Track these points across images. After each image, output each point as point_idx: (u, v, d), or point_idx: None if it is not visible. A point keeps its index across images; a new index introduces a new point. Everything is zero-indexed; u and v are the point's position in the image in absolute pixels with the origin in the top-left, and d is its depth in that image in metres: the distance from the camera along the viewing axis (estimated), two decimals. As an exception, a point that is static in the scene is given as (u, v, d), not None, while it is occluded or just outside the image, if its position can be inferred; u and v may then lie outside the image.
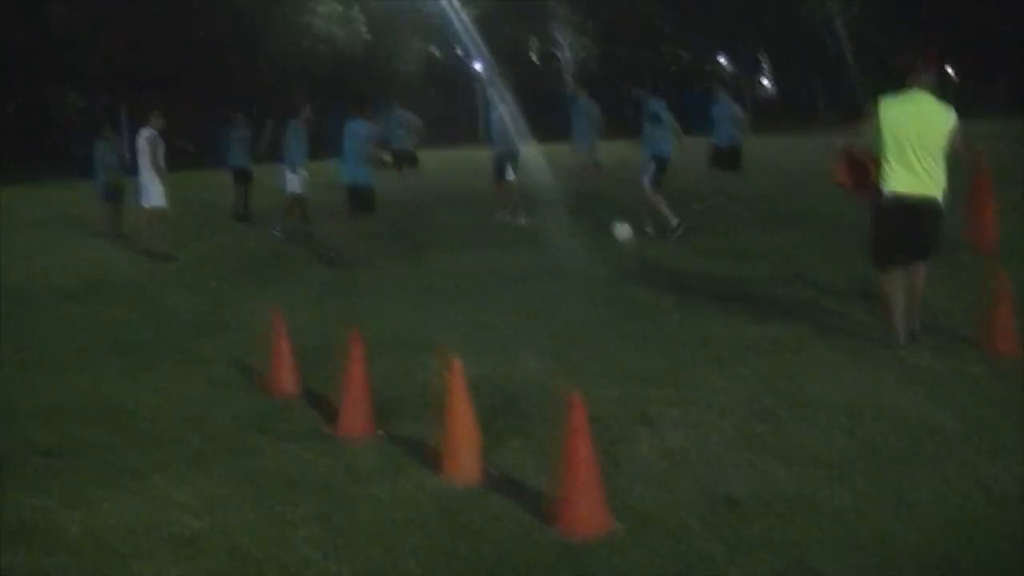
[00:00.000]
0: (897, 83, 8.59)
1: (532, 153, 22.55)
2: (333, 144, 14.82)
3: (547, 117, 52.37)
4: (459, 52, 58.02)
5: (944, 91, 8.60)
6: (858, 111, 9.33)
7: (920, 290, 8.53)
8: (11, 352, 9.73)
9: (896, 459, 6.00)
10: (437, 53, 58.28)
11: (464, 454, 6.03)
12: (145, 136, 15.78)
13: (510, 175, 18.23)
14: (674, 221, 14.99)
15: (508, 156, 18.11)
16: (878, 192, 8.41)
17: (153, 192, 15.75)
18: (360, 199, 14.04)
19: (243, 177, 20.44)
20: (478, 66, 57.56)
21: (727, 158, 18.05)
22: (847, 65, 52.21)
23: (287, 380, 7.87)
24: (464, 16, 52.96)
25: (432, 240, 15.99)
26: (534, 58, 66.00)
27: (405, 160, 20.36)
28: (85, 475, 6.27)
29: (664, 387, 7.45)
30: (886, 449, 6.15)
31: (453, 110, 52.34)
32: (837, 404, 6.95)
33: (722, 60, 67.30)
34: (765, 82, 68.50)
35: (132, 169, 16.97)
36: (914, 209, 8.28)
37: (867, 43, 53.54)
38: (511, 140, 18.29)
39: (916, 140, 8.23)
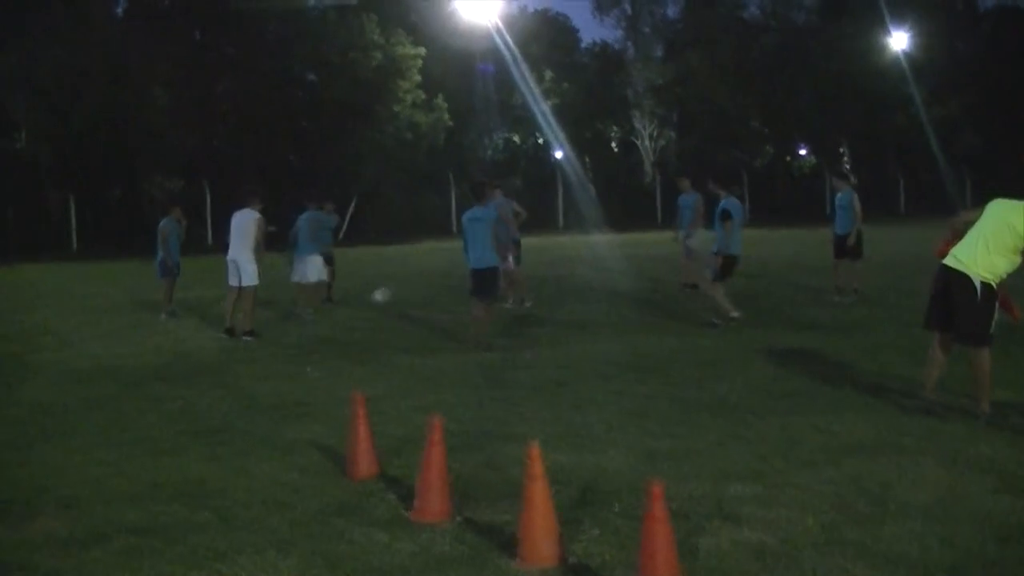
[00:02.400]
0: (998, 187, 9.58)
1: (611, 242, 22.59)
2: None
3: (626, 205, 52.94)
4: (540, 140, 58.63)
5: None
6: (949, 209, 10.16)
7: (980, 375, 9.25)
8: (108, 432, 9.90)
9: (986, 563, 5.90)
10: (517, 140, 58.94)
11: (541, 540, 6.02)
12: (255, 219, 16.08)
13: (511, 263, 18.55)
14: (734, 312, 15.30)
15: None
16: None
17: (252, 272, 16.08)
18: (487, 283, 14.24)
19: (326, 261, 20.70)
20: (558, 154, 58.11)
21: (850, 248, 18.31)
22: (935, 163, 52.19)
23: (368, 465, 7.91)
24: (544, 106, 53.57)
25: (521, 331, 15.96)
26: (614, 147, 66.54)
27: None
28: (172, 554, 6.36)
29: (748, 484, 7.40)
30: (975, 553, 6.05)
31: (533, 197, 52.97)
32: (925, 506, 6.85)
33: (803, 152, 67.43)
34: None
35: (222, 249, 17.21)
36: (947, 278, 9.32)
37: (958, 144, 53.53)
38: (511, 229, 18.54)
39: (988, 231, 9.15)
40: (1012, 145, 50.58)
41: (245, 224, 16.11)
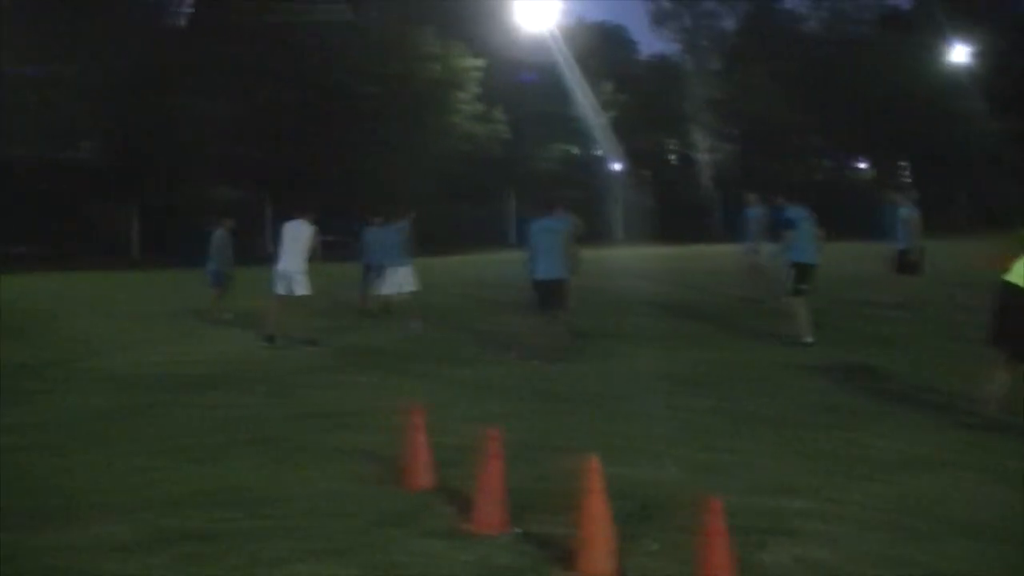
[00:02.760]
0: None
1: (668, 255, 22.57)
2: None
3: (683, 218, 52.79)
4: (598, 152, 58.49)
5: None
6: (1007, 222, 10.14)
7: None
8: (160, 440, 9.96)
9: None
10: (575, 152, 58.84)
11: (598, 553, 6.01)
12: (310, 230, 16.19)
13: None
14: (808, 338, 14.82)
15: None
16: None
17: (305, 282, 16.16)
18: (553, 295, 14.10)
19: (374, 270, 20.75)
20: (616, 166, 57.99)
21: (911, 263, 18.19)
22: (992, 176, 51.63)
23: (424, 475, 7.91)
24: (602, 118, 53.48)
25: (577, 344, 15.59)
26: (672, 160, 66.34)
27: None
28: (231, 561, 6.38)
29: (808, 499, 7.34)
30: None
31: (589, 209, 52.91)
32: (985, 524, 6.78)
33: (862, 165, 66.96)
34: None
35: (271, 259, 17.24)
36: (1007, 294, 9.39)
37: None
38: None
39: None
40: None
41: (298, 235, 16.20)
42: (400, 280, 18.42)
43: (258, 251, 16.70)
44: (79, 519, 7.30)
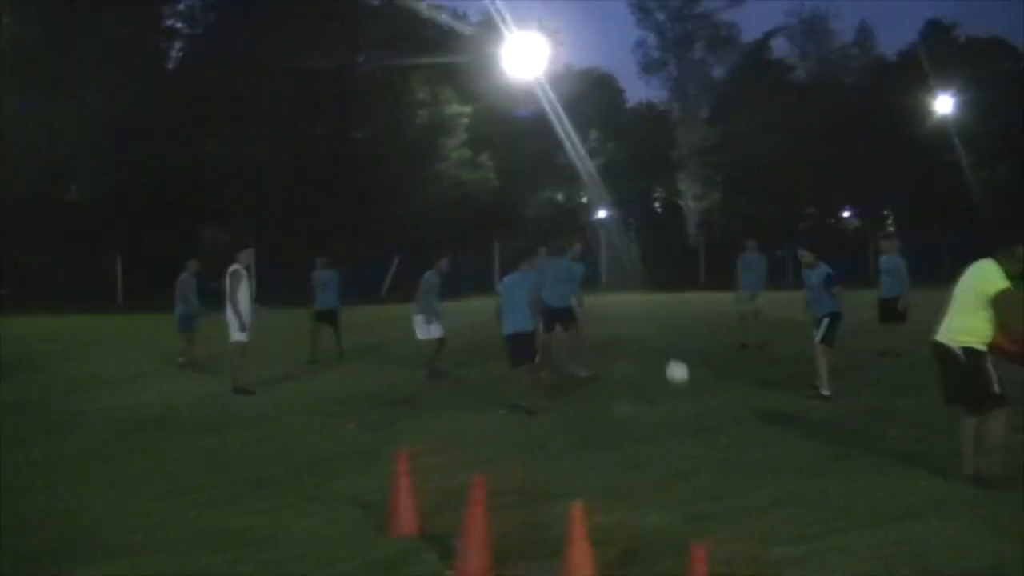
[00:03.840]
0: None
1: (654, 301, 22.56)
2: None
3: (669, 265, 52.82)
4: (583, 199, 58.64)
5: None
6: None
7: (988, 436, 9.16)
8: (154, 481, 9.96)
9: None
10: (561, 199, 59.00)
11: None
12: (228, 272, 16.01)
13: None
14: (824, 390, 14.65)
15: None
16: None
17: (232, 327, 15.91)
18: (526, 347, 14.06)
19: (323, 318, 20.62)
20: (601, 213, 58.10)
21: (896, 311, 18.24)
22: (976, 227, 51.65)
23: (409, 521, 7.89)
24: (589, 165, 53.57)
25: (572, 389, 15.80)
26: (658, 207, 66.55)
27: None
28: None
29: (794, 547, 7.32)
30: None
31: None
32: (977, 574, 6.77)
33: (847, 214, 67.24)
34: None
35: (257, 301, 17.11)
36: (936, 353, 9.56)
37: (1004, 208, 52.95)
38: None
39: (956, 294, 9.65)
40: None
41: (225, 279, 16.07)
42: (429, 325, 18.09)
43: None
44: (75, 560, 7.31)
